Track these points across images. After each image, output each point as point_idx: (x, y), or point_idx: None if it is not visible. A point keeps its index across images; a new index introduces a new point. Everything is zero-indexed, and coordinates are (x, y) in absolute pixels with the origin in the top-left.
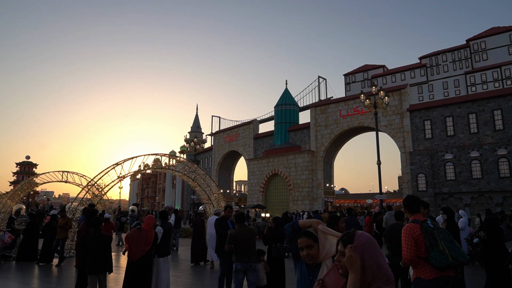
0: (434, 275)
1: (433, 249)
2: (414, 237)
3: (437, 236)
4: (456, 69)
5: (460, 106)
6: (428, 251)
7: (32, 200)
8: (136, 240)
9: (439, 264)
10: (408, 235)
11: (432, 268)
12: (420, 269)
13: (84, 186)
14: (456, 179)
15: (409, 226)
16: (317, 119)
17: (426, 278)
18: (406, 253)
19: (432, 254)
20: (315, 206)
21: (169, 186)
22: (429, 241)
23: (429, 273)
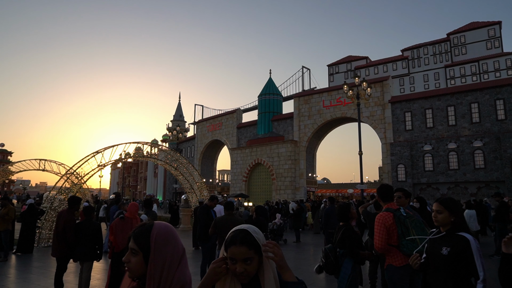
0: (405, 262)
1: (404, 237)
2: (386, 226)
3: (409, 224)
4: (437, 62)
5: (439, 99)
6: (399, 239)
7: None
8: (120, 229)
9: (409, 252)
10: (381, 223)
11: (403, 256)
12: (392, 256)
13: (62, 175)
14: (434, 170)
15: (382, 215)
16: (300, 109)
17: (398, 265)
18: (377, 241)
19: (404, 242)
20: (297, 196)
21: (151, 175)
22: (401, 230)
23: (400, 260)
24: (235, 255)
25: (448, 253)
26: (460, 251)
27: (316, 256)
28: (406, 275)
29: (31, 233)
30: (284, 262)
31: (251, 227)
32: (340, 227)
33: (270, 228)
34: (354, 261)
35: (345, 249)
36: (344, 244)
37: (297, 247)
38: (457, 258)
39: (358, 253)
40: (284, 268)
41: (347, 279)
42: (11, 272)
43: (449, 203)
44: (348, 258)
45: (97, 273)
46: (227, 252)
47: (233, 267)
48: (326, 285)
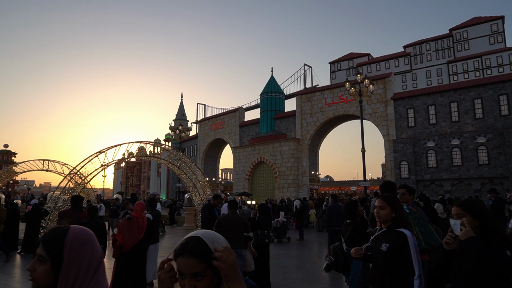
0: None
1: None
2: None
3: (411, 221)
4: (439, 58)
5: (442, 95)
6: None
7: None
8: (128, 229)
9: None
10: None
11: None
12: None
13: (66, 175)
14: (437, 166)
15: None
16: (302, 107)
17: None
18: None
19: None
20: (300, 194)
21: (154, 174)
22: None
23: None
24: (182, 268)
25: (387, 249)
26: (398, 247)
27: (320, 254)
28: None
29: (35, 234)
30: (233, 272)
31: (208, 234)
32: (348, 224)
33: (273, 226)
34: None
35: (354, 246)
36: (354, 242)
37: (301, 245)
38: (395, 254)
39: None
40: (231, 280)
41: (359, 276)
42: (16, 272)
43: (391, 200)
44: None
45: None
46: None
47: (182, 282)
48: (330, 282)
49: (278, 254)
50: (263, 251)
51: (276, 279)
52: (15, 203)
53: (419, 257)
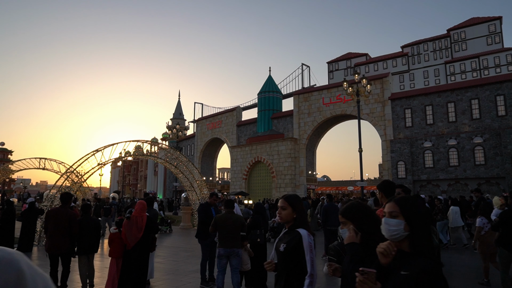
0: None
1: None
2: None
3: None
4: (437, 58)
5: (439, 95)
6: None
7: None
8: (128, 228)
9: None
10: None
11: None
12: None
13: (62, 173)
14: (434, 167)
15: (382, 210)
16: (300, 107)
17: None
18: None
19: None
20: (297, 194)
21: (151, 173)
22: None
23: None
24: None
25: (284, 249)
26: (293, 246)
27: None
28: None
29: (32, 232)
30: None
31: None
32: None
33: (270, 225)
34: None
35: None
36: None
37: None
38: (291, 254)
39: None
40: None
41: None
42: None
43: (293, 200)
44: None
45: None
46: None
47: None
48: (326, 281)
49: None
50: (260, 251)
51: (273, 279)
52: (11, 201)
53: (313, 257)
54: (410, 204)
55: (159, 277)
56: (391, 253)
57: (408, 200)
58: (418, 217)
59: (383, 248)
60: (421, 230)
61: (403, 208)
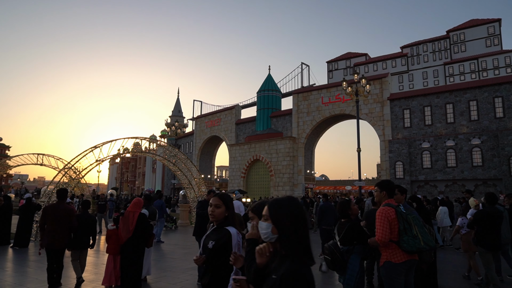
0: (404, 259)
1: (406, 233)
2: (389, 220)
3: (411, 221)
4: (436, 59)
5: (438, 96)
6: (400, 235)
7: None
8: (121, 224)
9: (411, 248)
10: (384, 217)
11: (402, 252)
12: (391, 252)
13: (60, 169)
14: (432, 167)
15: (385, 209)
16: (299, 106)
17: (397, 261)
18: (380, 234)
19: (405, 238)
20: (295, 192)
21: (149, 170)
22: (403, 225)
23: (400, 256)
24: None
25: (212, 246)
26: (222, 244)
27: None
28: (403, 271)
29: (28, 228)
30: None
31: None
32: (342, 223)
33: None
34: (362, 256)
35: (350, 245)
36: (350, 241)
37: None
38: (219, 251)
39: (368, 249)
40: None
41: (355, 275)
42: (8, 265)
43: (226, 199)
44: (354, 254)
45: (88, 266)
46: None
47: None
48: (322, 280)
49: None
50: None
51: None
52: (9, 196)
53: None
54: (277, 207)
55: (156, 274)
56: (266, 253)
57: (277, 203)
58: (285, 220)
59: (260, 248)
60: (288, 233)
61: (271, 212)
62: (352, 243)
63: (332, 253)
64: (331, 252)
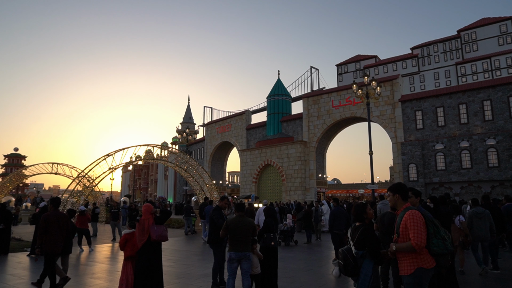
0: (434, 264)
1: (435, 236)
2: (423, 222)
3: (438, 223)
4: (447, 59)
5: (450, 97)
6: (430, 238)
7: (21, 192)
8: (138, 230)
9: (441, 251)
10: (419, 220)
11: (431, 256)
12: (423, 258)
13: (74, 178)
14: (446, 169)
15: (415, 212)
16: (309, 110)
17: (429, 267)
18: (419, 238)
19: (434, 241)
20: (307, 197)
21: (161, 177)
22: (433, 228)
23: (431, 261)
24: None
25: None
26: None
27: (328, 257)
28: (430, 277)
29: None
30: None
31: None
32: (356, 227)
33: (281, 229)
34: (375, 262)
35: (363, 250)
36: (363, 245)
37: (308, 248)
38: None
39: (380, 253)
40: None
41: (368, 280)
42: (25, 274)
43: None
44: (367, 259)
45: (103, 273)
46: None
47: None
48: (337, 286)
49: (285, 258)
50: (271, 255)
51: (283, 283)
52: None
53: None
54: None
55: (169, 281)
56: None
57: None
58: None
59: None
60: None
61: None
62: (366, 247)
63: (345, 258)
64: (344, 257)
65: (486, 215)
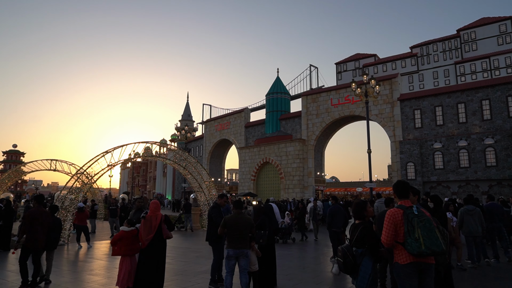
0: (409, 260)
1: (409, 236)
2: (394, 222)
3: (415, 223)
4: (446, 59)
5: (449, 96)
6: (405, 237)
7: (20, 189)
8: (143, 228)
9: (412, 251)
10: (389, 219)
11: (408, 254)
12: (398, 254)
13: (73, 175)
14: (444, 168)
15: (392, 211)
16: (308, 108)
17: (402, 263)
18: (384, 236)
19: (408, 240)
20: (306, 195)
21: (160, 174)
22: (407, 228)
23: (405, 258)
24: None
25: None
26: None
27: (325, 255)
28: (412, 273)
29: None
30: None
31: None
32: (356, 225)
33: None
34: (374, 260)
35: (363, 247)
36: (363, 243)
37: (305, 246)
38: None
39: (379, 251)
40: None
41: (367, 278)
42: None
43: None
44: (367, 257)
45: (101, 270)
46: None
47: None
48: (334, 283)
49: (282, 255)
50: (269, 252)
51: (281, 280)
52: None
53: None
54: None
55: (167, 278)
56: None
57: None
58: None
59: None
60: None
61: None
62: (365, 245)
63: (344, 256)
64: (344, 254)
65: (477, 212)
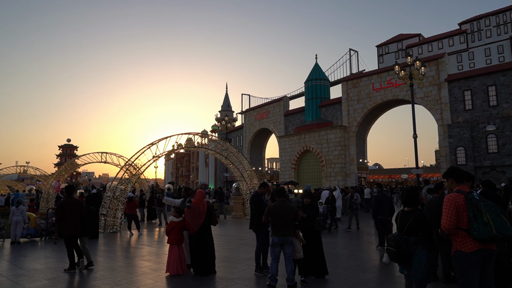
0: (475, 247)
1: (476, 221)
2: (456, 206)
3: (482, 207)
4: (500, 33)
5: (504, 74)
6: (470, 222)
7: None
8: (190, 216)
9: (481, 236)
10: (450, 203)
11: (473, 240)
12: (461, 241)
13: (122, 166)
14: (499, 152)
15: (453, 195)
16: (349, 94)
17: (468, 251)
18: (445, 221)
19: (475, 225)
20: (348, 182)
21: (202, 164)
22: (473, 212)
23: (471, 245)
24: None
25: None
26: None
27: (370, 243)
28: (476, 262)
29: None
30: None
31: None
32: (406, 212)
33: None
34: (428, 249)
35: (416, 236)
36: (417, 231)
37: (348, 233)
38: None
39: (435, 240)
40: None
41: (423, 267)
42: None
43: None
44: (421, 246)
45: (151, 256)
46: None
47: None
48: (380, 271)
49: (325, 243)
50: (317, 238)
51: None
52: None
53: None
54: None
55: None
56: None
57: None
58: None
59: None
60: None
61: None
62: (419, 234)
63: (397, 245)
64: (397, 243)
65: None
